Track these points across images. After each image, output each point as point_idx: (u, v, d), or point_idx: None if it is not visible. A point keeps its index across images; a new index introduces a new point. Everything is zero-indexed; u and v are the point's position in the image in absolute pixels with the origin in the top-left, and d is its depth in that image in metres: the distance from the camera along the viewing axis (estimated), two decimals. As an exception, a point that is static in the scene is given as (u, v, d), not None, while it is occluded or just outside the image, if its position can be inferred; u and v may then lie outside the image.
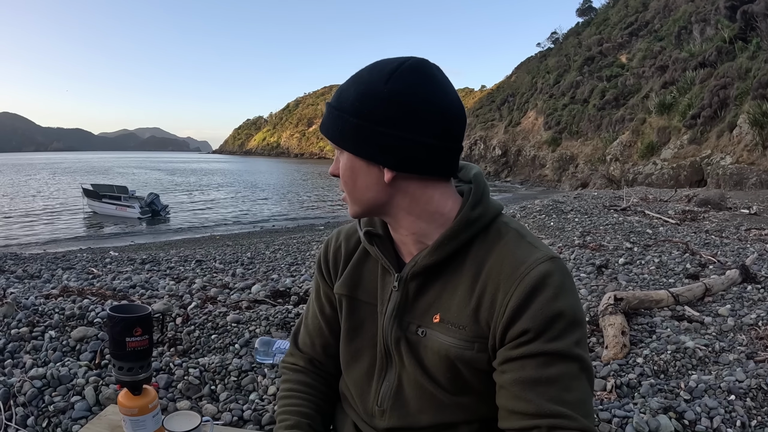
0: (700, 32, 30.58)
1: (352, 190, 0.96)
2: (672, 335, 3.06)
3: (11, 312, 3.28)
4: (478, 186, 0.99)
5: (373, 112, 0.88)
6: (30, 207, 26.72)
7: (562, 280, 0.89)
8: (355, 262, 1.12)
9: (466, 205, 0.95)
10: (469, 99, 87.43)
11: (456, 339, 0.94)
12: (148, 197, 24.53)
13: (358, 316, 1.10)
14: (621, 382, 2.47)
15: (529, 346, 0.86)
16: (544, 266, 0.88)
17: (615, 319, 3.02)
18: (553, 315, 0.85)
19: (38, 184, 40.83)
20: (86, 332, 2.98)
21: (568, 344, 0.85)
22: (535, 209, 10.63)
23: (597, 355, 2.89)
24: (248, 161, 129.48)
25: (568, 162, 35.45)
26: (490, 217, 0.97)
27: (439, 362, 0.97)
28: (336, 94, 0.95)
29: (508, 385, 0.88)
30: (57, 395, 2.26)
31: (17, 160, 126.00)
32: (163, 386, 2.41)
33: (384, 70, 0.90)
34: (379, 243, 1.04)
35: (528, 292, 0.86)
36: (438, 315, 0.97)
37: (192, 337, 3.10)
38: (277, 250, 9.26)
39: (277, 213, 25.81)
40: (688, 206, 10.89)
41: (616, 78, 36.21)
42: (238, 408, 2.29)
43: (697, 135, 22.82)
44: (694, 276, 4.70)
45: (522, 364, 0.86)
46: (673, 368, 2.66)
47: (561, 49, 51.58)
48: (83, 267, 6.82)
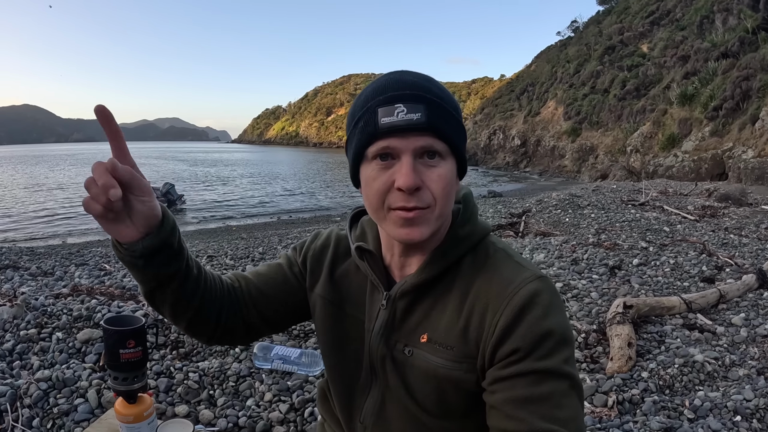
0: (723, 22, 29.89)
1: (449, 202, 0.91)
2: (681, 347, 2.98)
3: (21, 313, 3.33)
4: (467, 206, 0.99)
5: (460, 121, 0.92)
6: (50, 200, 26.94)
7: (551, 299, 0.88)
8: (344, 272, 1.10)
9: (456, 224, 0.96)
10: (488, 88, 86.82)
11: (444, 359, 0.93)
12: (164, 187, 24.18)
13: (342, 327, 1.08)
14: (623, 398, 2.41)
15: (519, 365, 0.85)
16: (533, 285, 0.88)
17: (622, 329, 2.95)
18: (543, 333, 0.85)
19: (59, 176, 41.25)
20: (92, 334, 3.03)
21: (558, 362, 0.85)
22: (551, 203, 10.50)
23: (602, 367, 2.83)
24: (267, 151, 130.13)
25: (587, 153, 35.03)
26: (479, 236, 0.98)
27: (425, 382, 0.96)
28: (424, 84, 0.87)
29: (499, 405, 0.86)
30: (61, 397, 2.32)
31: (39, 152, 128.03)
32: (163, 390, 2.46)
33: (435, 82, 0.90)
34: (370, 259, 1.02)
35: (517, 312, 0.86)
36: (426, 335, 0.96)
37: (194, 341, 3.11)
38: (289, 244, 9.24)
39: (294, 203, 25.86)
40: (708, 201, 10.69)
41: (637, 68, 35.58)
42: (233, 414, 2.31)
43: (719, 127, 22.37)
44: (709, 279, 4.59)
45: (513, 383, 0.85)
46: (680, 383, 2.60)
47: (581, 37, 50.84)
48: (96, 263, 6.86)
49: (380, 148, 0.86)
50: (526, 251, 5.98)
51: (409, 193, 0.85)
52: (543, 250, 5.97)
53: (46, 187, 32.41)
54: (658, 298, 3.70)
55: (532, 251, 5.93)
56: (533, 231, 7.75)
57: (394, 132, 0.85)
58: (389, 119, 0.84)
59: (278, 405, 2.37)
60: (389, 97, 0.85)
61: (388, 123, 0.84)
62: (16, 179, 39.23)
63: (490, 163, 47.74)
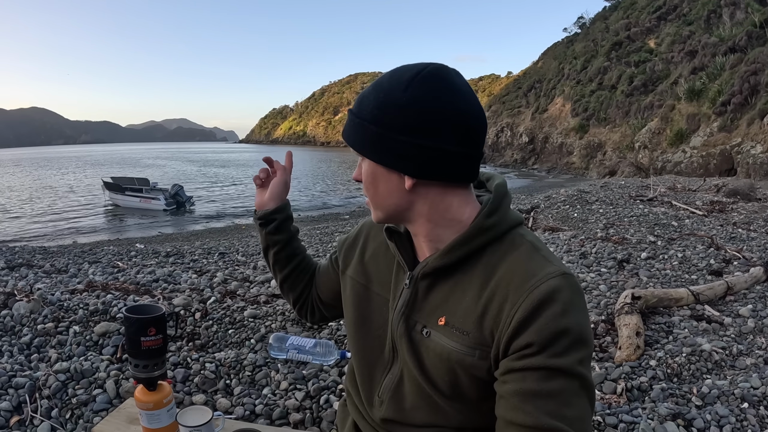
0: (730, 16, 29.69)
1: (373, 196, 1.00)
2: (689, 337, 3.01)
3: (38, 308, 3.37)
4: (497, 195, 1.00)
5: (393, 120, 0.90)
6: (61, 202, 26.97)
7: (572, 297, 0.88)
8: (374, 254, 1.17)
9: (482, 213, 0.96)
10: (495, 85, 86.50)
11: (458, 344, 0.95)
12: (172, 188, 24.43)
13: (369, 306, 1.13)
14: (632, 386, 2.44)
15: (532, 359, 0.86)
16: (555, 281, 0.88)
17: (630, 319, 2.98)
18: (559, 331, 0.85)
19: (69, 180, 41.29)
20: (108, 327, 3.07)
21: (571, 362, 0.85)
22: (560, 199, 10.51)
23: (610, 356, 2.86)
24: (275, 150, 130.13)
25: (595, 149, 34.91)
26: (507, 226, 0.98)
27: (440, 364, 0.98)
28: (357, 101, 0.97)
29: (508, 396, 0.88)
30: (80, 388, 2.35)
31: (47, 154, 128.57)
32: (180, 380, 2.49)
33: (403, 77, 0.91)
34: (398, 240, 1.08)
35: (536, 306, 0.86)
36: (444, 317, 0.98)
37: (210, 332, 3.17)
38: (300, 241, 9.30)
39: (302, 202, 25.91)
40: (717, 196, 10.66)
41: (645, 63, 35.39)
42: (250, 402, 2.35)
43: (727, 122, 22.23)
44: (717, 272, 4.61)
45: (523, 375, 0.86)
46: (687, 372, 2.62)
47: (588, 34, 50.60)
48: (109, 261, 6.92)
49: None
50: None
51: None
52: (552, 245, 6.01)
53: (55, 190, 32.56)
54: (666, 289, 3.73)
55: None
56: (542, 226, 7.77)
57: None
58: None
59: (294, 393, 2.40)
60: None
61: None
62: (23, 182, 39.39)
63: (498, 161, 47.67)
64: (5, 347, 2.89)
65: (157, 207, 23.19)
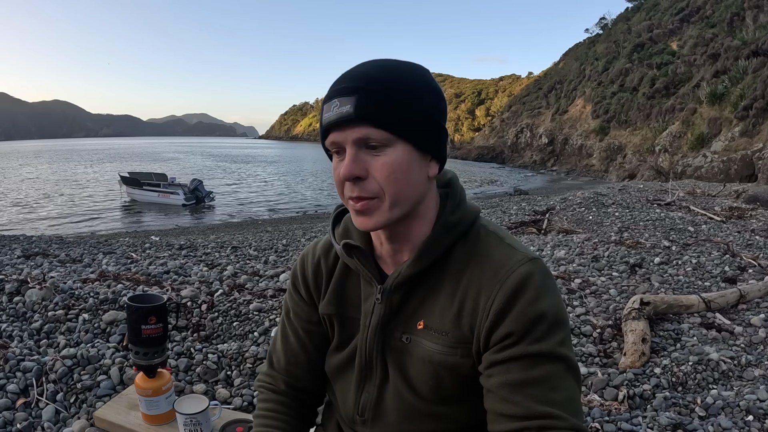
0: (753, 19, 29.17)
1: (404, 189, 0.88)
2: (697, 345, 2.95)
3: (49, 295, 3.44)
4: (455, 190, 0.99)
5: (433, 104, 0.89)
6: (81, 194, 27.25)
7: (543, 281, 0.89)
8: (337, 278, 1.09)
9: (446, 210, 0.95)
10: (516, 86, 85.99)
11: (439, 345, 0.95)
12: (192, 183, 24.18)
13: (347, 331, 1.09)
14: (634, 393, 2.40)
15: (513, 349, 0.86)
16: (525, 268, 0.89)
17: (637, 325, 2.94)
18: (536, 316, 0.86)
19: (90, 173, 41.74)
20: (116, 316, 3.13)
21: (552, 345, 0.86)
22: (576, 201, 10.44)
23: (615, 362, 2.82)
24: (294, 147, 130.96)
25: (615, 152, 34.57)
26: (470, 220, 0.97)
27: (423, 369, 0.97)
28: (370, 80, 0.85)
29: (495, 389, 0.88)
30: (85, 374, 2.41)
31: (70, 146, 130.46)
32: (183, 369, 2.53)
33: (409, 64, 0.90)
34: (359, 255, 1.01)
35: (510, 295, 0.87)
36: (422, 321, 0.97)
37: (215, 324, 3.21)
38: (313, 237, 9.34)
39: (320, 198, 25.99)
40: (736, 203, 10.48)
41: (667, 66, 34.93)
42: (249, 393, 2.38)
43: (749, 127, 21.86)
44: (731, 280, 4.53)
45: (507, 367, 0.86)
46: (693, 381, 2.57)
47: (610, 35, 50.07)
48: (123, 252, 7.01)
49: (330, 143, 0.89)
50: (548, 248, 5.97)
51: (353, 182, 0.87)
52: (564, 247, 5.95)
53: (77, 182, 32.95)
54: (676, 296, 3.67)
55: (554, 248, 5.92)
56: (556, 228, 7.71)
57: (333, 127, 0.86)
58: (327, 115, 0.87)
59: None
60: (329, 93, 0.88)
61: (326, 119, 0.87)
62: (44, 174, 39.93)
63: (517, 161, 47.43)
64: (16, 332, 2.96)
65: (176, 202, 22.97)
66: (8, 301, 3.40)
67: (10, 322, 3.14)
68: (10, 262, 5.93)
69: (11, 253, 6.57)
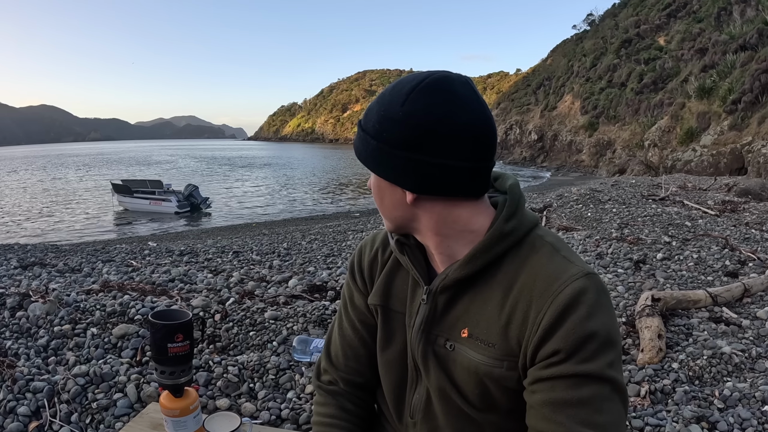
0: (741, 14, 29.43)
1: (380, 206, 0.98)
2: (709, 339, 3.01)
3: (54, 309, 3.33)
4: (513, 198, 0.95)
5: (391, 135, 0.87)
6: (72, 202, 26.98)
7: (597, 299, 0.85)
8: (388, 270, 1.11)
9: (500, 219, 0.92)
10: (504, 83, 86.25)
11: (485, 356, 0.92)
12: (186, 189, 23.35)
13: (390, 325, 1.09)
14: (655, 388, 2.45)
15: (560, 366, 0.83)
16: (579, 283, 0.85)
17: (652, 321, 2.98)
18: (586, 336, 0.82)
19: (81, 180, 41.28)
20: (127, 329, 3.04)
21: (601, 366, 0.82)
22: (572, 198, 10.49)
23: (632, 358, 2.87)
24: (284, 147, 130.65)
25: (605, 147, 34.76)
26: (525, 230, 0.94)
27: (468, 378, 0.95)
28: (365, 113, 0.95)
29: (537, 406, 0.86)
30: (100, 392, 2.31)
31: (58, 151, 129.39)
32: (202, 384, 2.45)
33: (402, 90, 0.87)
34: (410, 253, 1.02)
35: (561, 311, 0.83)
36: (466, 329, 0.95)
37: (230, 334, 3.14)
38: (313, 240, 9.31)
39: (313, 199, 25.93)
40: (728, 196, 10.59)
41: (654, 61, 35.16)
42: (276, 407, 2.33)
43: (738, 121, 22.03)
44: (733, 274, 4.60)
45: (552, 384, 0.84)
46: (708, 374, 2.63)
47: (597, 31, 50.36)
48: (122, 259, 6.93)
49: None
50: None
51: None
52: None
53: (67, 190, 32.61)
54: (684, 291, 3.73)
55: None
56: (555, 226, 7.75)
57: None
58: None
59: (319, 397, 2.39)
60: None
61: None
62: (34, 182, 39.57)
63: (506, 159, 47.57)
64: (22, 350, 2.84)
65: (168, 210, 22.12)
66: (11, 316, 3.27)
67: (14, 339, 3.01)
68: (6, 273, 5.83)
69: (7, 264, 6.46)
